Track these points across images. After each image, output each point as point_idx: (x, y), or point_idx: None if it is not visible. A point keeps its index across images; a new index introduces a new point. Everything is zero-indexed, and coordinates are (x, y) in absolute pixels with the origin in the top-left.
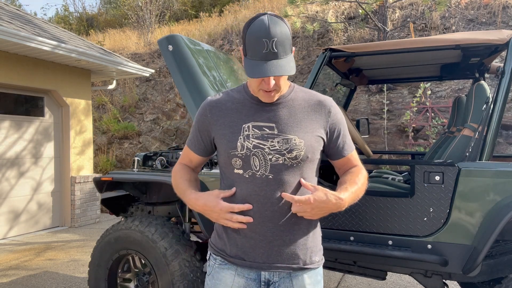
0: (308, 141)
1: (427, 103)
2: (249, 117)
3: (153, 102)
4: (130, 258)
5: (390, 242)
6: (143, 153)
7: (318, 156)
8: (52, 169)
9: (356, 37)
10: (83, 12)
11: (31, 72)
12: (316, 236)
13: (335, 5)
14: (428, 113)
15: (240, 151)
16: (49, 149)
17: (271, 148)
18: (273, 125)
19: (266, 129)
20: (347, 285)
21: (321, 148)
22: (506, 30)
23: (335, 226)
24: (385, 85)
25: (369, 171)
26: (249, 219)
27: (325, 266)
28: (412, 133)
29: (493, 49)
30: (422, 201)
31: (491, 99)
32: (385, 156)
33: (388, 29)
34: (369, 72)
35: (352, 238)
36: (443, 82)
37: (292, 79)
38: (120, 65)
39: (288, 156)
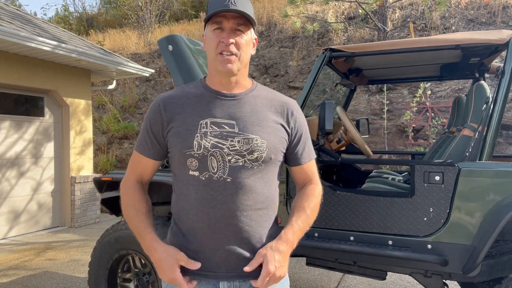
0: (271, 142)
1: (427, 103)
2: (207, 112)
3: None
4: (130, 258)
5: (390, 242)
6: None
7: (281, 158)
8: (52, 169)
9: (356, 37)
10: (83, 12)
11: (31, 72)
12: None
13: (335, 5)
14: (428, 113)
15: (197, 150)
16: (49, 149)
17: (230, 148)
18: (234, 122)
19: (225, 127)
20: (347, 285)
21: (284, 151)
22: (506, 30)
23: (335, 226)
24: (385, 85)
25: (369, 171)
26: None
27: (325, 266)
28: (412, 133)
29: (493, 49)
30: (422, 201)
31: (491, 99)
32: (385, 156)
33: (388, 29)
34: (369, 72)
35: (352, 238)
36: (443, 82)
37: (292, 79)
38: (120, 65)
39: (249, 157)
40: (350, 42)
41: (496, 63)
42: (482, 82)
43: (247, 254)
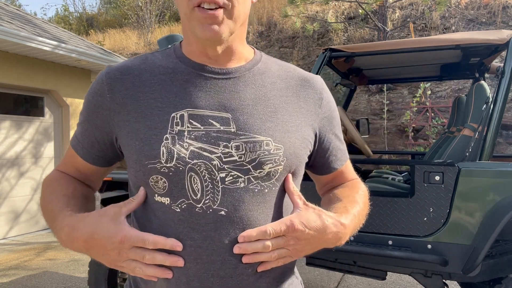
0: (291, 147)
1: (427, 103)
2: (183, 99)
3: None
4: None
5: (390, 242)
6: None
7: (302, 172)
8: (52, 169)
9: (356, 37)
10: (83, 12)
11: (31, 72)
12: None
13: (335, 5)
14: (428, 113)
15: (166, 162)
16: (49, 149)
17: (224, 159)
18: (229, 116)
19: (215, 123)
20: (347, 285)
21: (307, 159)
22: (506, 30)
23: None
24: (385, 85)
25: (369, 171)
26: (175, 260)
27: (325, 266)
28: (412, 133)
29: (493, 49)
30: (422, 201)
31: (491, 99)
32: (385, 156)
33: (388, 29)
34: (369, 72)
35: (352, 238)
36: (443, 82)
37: None
38: None
39: (256, 173)
40: (350, 42)
41: (496, 63)
42: (482, 82)
43: None
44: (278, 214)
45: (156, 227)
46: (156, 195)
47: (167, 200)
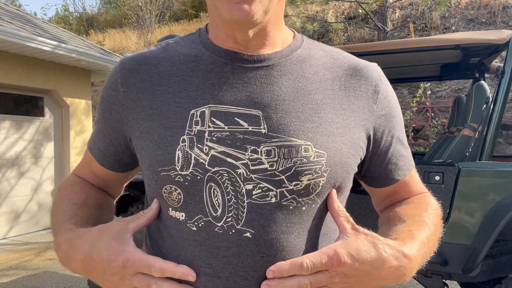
0: (336, 153)
1: (427, 103)
2: (205, 93)
3: None
4: None
5: None
6: None
7: (350, 185)
8: (52, 169)
9: (356, 37)
10: (83, 12)
11: (31, 72)
12: None
13: (335, 5)
14: (428, 113)
15: (181, 170)
16: (49, 149)
17: (251, 167)
18: (259, 113)
19: (242, 122)
20: None
21: (357, 169)
22: (506, 30)
23: None
24: None
25: None
26: None
27: None
28: (412, 133)
29: (493, 49)
30: None
31: (491, 99)
32: None
33: (388, 29)
34: None
35: None
36: (443, 82)
37: None
38: None
39: (291, 186)
40: (350, 42)
41: (496, 63)
42: (482, 82)
43: None
44: (318, 239)
45: (169, 247)
46: (170, 209)
47: (182, 216)
